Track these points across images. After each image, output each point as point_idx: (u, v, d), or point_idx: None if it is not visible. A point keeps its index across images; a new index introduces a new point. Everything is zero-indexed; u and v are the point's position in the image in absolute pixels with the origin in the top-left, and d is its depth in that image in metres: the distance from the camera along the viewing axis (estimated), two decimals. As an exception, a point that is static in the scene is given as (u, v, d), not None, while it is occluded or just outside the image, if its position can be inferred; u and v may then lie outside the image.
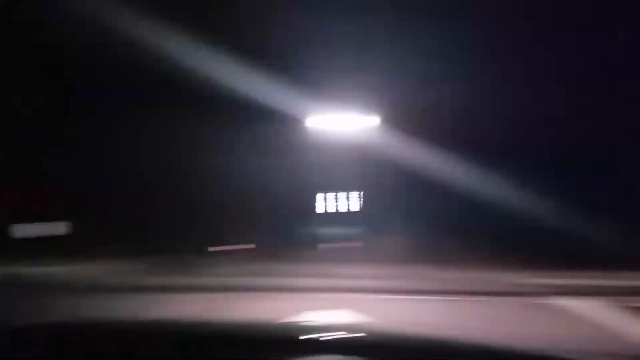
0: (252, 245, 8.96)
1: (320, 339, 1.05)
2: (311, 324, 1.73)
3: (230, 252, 8.82)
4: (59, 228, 7.06)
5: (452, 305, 4.44)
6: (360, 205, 10.56)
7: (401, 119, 9.47)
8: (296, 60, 8.36)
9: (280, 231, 9.34)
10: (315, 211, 10.43)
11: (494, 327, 3.37)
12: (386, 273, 8.33)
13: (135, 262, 7.57)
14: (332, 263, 8.67)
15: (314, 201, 10.52)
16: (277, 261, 8.19)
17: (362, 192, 10.57)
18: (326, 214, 10.50)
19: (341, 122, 9.80)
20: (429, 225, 10.20)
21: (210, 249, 8.64)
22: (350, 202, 10.63)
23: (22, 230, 6.66)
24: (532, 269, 9.62)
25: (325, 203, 10.55)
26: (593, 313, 3.88)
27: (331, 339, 1.02)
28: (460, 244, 10.62)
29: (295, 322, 2.23)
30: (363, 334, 1.13)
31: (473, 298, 4.83)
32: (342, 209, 10.60)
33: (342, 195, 10.60)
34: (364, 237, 9.82)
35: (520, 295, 5.18)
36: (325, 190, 10.49)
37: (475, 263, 10.54)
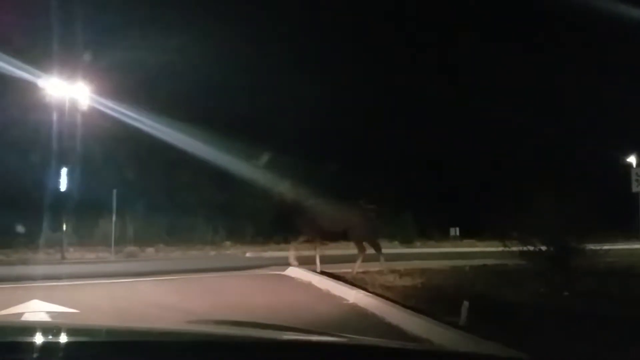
0: None
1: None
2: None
3: None
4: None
5: (179, 283, 4.56)
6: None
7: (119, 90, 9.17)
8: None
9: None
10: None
11: (235, 297, 3.75)
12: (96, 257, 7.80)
13: None
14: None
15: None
16: None
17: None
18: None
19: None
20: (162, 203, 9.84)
21: None
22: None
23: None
24: (267, 244, 9.73)
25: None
26: (311, 280, 4.45)
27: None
28: (202, 222, 10.24)
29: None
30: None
31: (206, 275, 5.06)
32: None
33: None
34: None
35: (253, 269, 5.74)
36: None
37: (212, 242, 10.25)
